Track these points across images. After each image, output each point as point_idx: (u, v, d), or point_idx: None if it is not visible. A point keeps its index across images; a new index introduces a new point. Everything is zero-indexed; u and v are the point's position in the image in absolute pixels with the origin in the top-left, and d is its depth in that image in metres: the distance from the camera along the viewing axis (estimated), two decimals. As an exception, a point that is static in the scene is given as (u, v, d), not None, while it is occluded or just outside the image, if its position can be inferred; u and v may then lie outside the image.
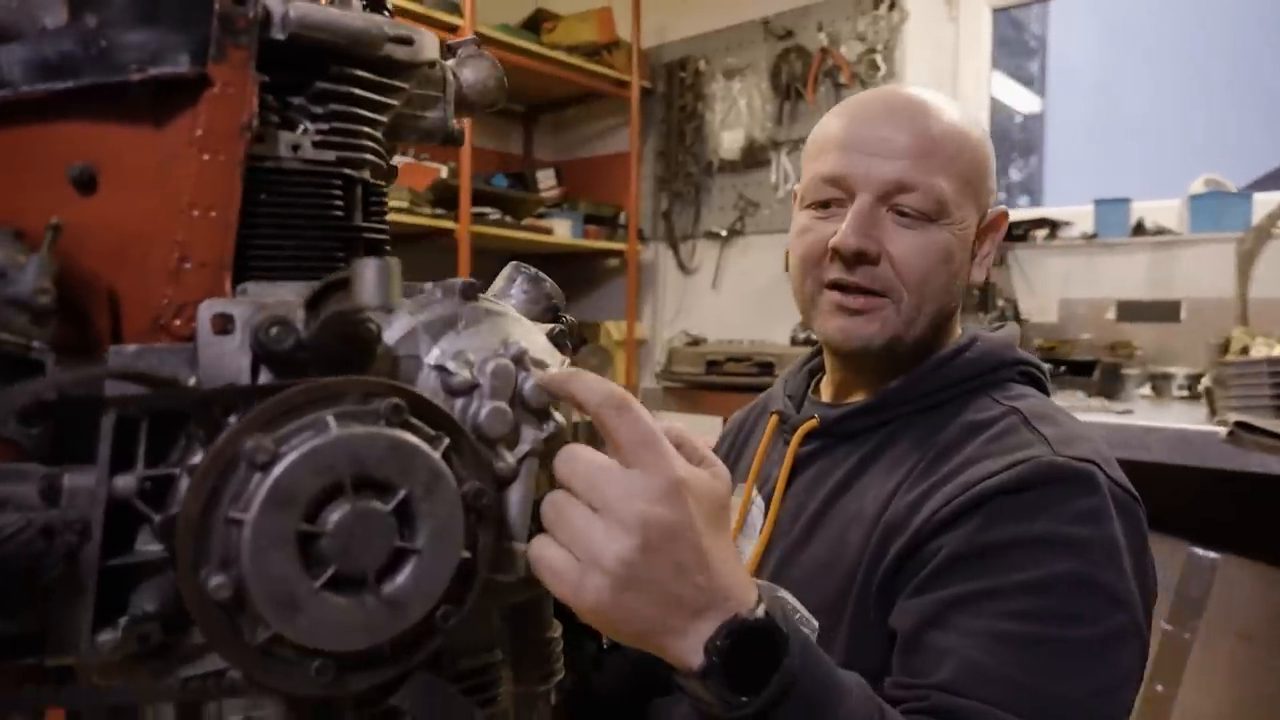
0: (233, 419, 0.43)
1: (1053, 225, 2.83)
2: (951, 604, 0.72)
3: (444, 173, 3.04)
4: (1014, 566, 0.71)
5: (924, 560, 0.75)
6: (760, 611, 0.54)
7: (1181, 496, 1.78)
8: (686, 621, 0.53)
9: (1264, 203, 2.53)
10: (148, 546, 0.45)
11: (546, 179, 3.74)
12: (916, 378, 0.89)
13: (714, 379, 2.75)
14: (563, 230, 3.41)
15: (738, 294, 3.42)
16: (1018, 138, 6.10)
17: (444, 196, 2.97)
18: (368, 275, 0.40)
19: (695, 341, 3.03)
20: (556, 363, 0.56)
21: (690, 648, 0.53)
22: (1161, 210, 2.71)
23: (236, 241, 0.49)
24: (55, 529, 0.42)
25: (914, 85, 1.03)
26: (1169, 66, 5.62)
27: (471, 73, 0.62)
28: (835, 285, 0.88)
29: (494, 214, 3.16)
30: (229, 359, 0.45)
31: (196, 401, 0.42)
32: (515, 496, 0.51)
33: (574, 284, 3.94)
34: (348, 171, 0.53)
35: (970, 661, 0.68)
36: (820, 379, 1.03)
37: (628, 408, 0.51)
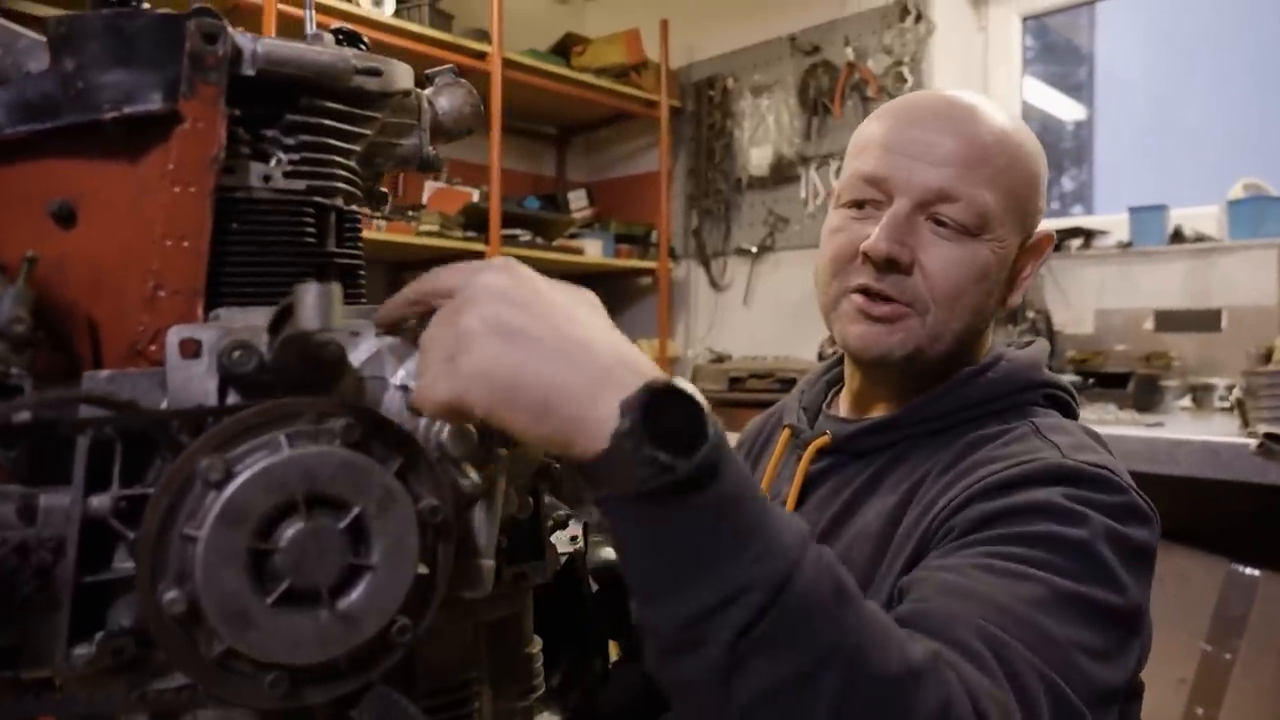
0: (202, 440, 0.44)
1: (1087, 234, 2.77)
2: (944, 553, 0.68)
3: (475, 196, 3.09)
4: (1017, 523, 0.67)
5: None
6: (677, 383, 0.45)
7: (1216, 511, 1.73)
8: (589, 382, 0.45)
9: (1307, 207, 2.46)
10: (124, 564, 0.46)
11: (578, 200, 3.79)
12: (935, 397, 0.85)
13: (737, 395, 2.75)
14: (594, 250, 3.44)
15: (769, 310, 3.41)
16: (1068, 146, 5.97)
17: (475, 220, 3.02)
18: (307, 299, 0.41)
19: (720, 358, 3.03)
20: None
21: (601, 418, 0.44)
22: (1200, 217, 2.64)
23: (210, 269, 0.51)
24: (30, 547, 0.44)
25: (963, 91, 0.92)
26: (1215, 70, 5.49)
27: (447, 100, 0.64)
28: (862, 290, 0.83)
29: (524, 236, 3.20)
30: (197, 382, 0.47)
31: (154, 423, 0.44)
32: (481, 514, 0.52)
33: (606, 303, 3.92)
34: (319, 199, 0.55)
35: (950, 583, 0.63)
36: (839, 390, 0.99)
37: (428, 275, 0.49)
